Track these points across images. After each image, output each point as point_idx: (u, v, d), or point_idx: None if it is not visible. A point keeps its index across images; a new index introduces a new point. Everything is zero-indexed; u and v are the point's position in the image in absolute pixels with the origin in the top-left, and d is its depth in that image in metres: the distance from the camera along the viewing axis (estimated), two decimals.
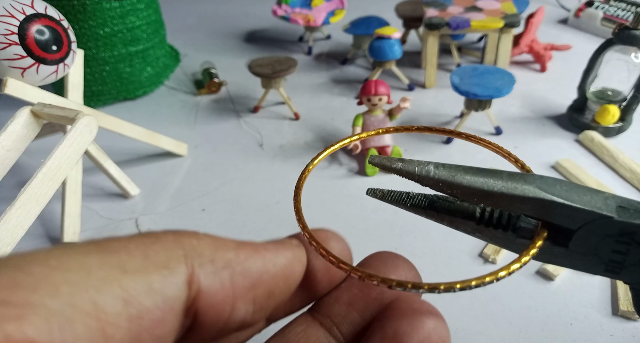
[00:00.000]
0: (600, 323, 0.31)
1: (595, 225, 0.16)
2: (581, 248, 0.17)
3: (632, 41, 0.44)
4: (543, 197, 0.16)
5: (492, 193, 0.16)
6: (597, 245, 0.17)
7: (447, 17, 0.54)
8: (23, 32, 0.33)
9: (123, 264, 0.09)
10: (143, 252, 0.10)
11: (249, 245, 0.12)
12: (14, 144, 0.35)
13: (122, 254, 0.10)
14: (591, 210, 0.16)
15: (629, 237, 0.16)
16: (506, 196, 0.16)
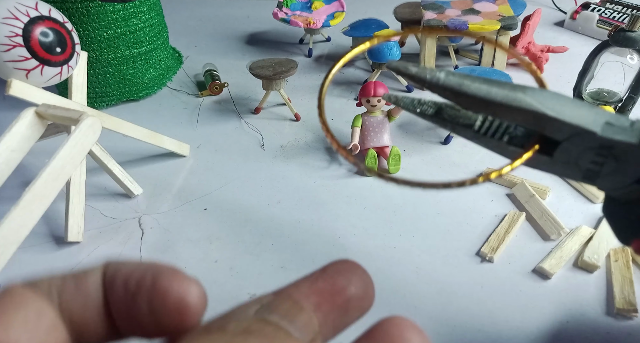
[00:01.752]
0: (596, 321, 0.32)
1: (580, 138, 0.18)
2: (564, 158, 0.19)
3: (628, 43, 0.44)
4: (536, 109, 0.17)
5: (492, 102, 0.17)
6: (578, 155, 0.19)
7: (445, 20, 0.55)
8: (27, 34, 0.34)
9: None
10: None
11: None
12: (19, 144, 0.35)
13: None
14: (578, 124, 0.17)
15: (607, 150, 0.18)
16: (505, 106, 0.17)
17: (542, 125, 0.18)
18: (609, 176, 0.19)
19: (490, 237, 0.38)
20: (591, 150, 0.18)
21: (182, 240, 0.39)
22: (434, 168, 0.46)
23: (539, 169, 0.20)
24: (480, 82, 0.18)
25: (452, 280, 0.35)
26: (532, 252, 0.37)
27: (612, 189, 0.20)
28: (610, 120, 0.18)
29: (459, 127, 0.20)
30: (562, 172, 0.20)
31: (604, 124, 0.18)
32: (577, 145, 0.18)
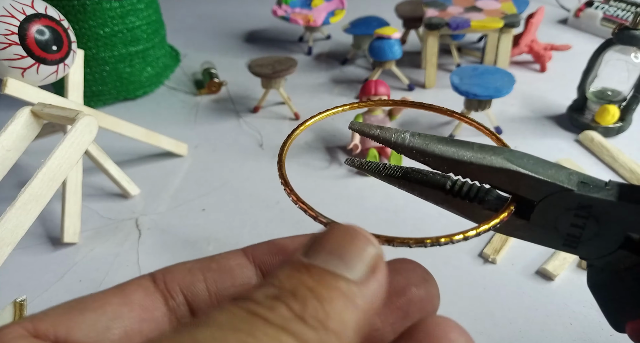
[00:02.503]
0: (600, 323, 0.31)
1: (556, 198, 0.17)
2: (542, 221, 0.18)
3: (632, 41, 0.44)
4: (509, 168, 0.16)
5: (462, 162, 0.17)
6: (556, 218, 0.18)
7: (447, 17, 0.54)
8: (23, 32, 0.33)
9: None
10: None
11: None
12: (14, 144, 0.35)
13: None
14: (553, 182, 0.17)
15: (586, 211, 0.17)
16: (475, 165, 0.17)
17: (516, 184, 0.17)
18: (592, 241, 0.18)
19: (493, 238, 0.37)
20: (569, 211, 0.17)
21: (180, 241, 0.39)
22: None
23: (517, 236, 0.19)
24: (445, 143, 0.17)
25: (454, 282, 0.35)
26: (535, 254, 0.36)
27: (596, 257, 0.19)
28: (584, 179, 0.17)
29: (428, 189, 0.19)
30: (541, 239, 0.18)
31: (579, 183, 0.17)
32: (554, 205, 0.17)
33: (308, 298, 0.10)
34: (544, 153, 0.47)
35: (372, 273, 0.12)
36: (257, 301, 0.10)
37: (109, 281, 0.36)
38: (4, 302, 0.33)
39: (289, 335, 0.10)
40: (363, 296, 0.11)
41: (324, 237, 0.12)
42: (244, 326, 0.10)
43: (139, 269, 0.37)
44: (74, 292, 0.35)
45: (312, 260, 0.11)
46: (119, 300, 0.13)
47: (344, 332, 0.10)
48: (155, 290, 0.14)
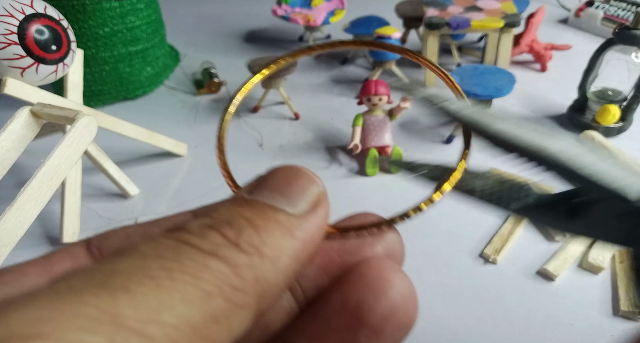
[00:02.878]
0: (601, 323, 0.31)
1: (615, 202, 0.16)
2: (597, 220, 0.17)
3: (633, 41, 0.44)
4: (568, 164, 0.15)
5: (518, 146, 0.16)
6: (613, 219, 0.17)
7: (447, 17, 0.54)
8: (22, 32, 0.33)
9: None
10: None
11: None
12: (14, 143, 0.35)
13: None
14: (615, 188, 0.16)
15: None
16: (531, 151, 0.15)
17: (570, 180, 0.16)
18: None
19: (494, 238, 0.37)
20: (629, 216, 0.16)
21: None
22: None
23: (571, 231, 0.18)
24: (509, 122, 0.16)
25: (454, 282, 0.34)
26: (536, 254, 0.36)
27: None
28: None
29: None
30: (596, 235, 0.18)
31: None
32: (612, 208, 0.16)
33: (244, 227, 0.10)
34: None
35: (313, 208, 0.11)
36: (189, 230, 0.10)
37: None
38: None
39: (218, 260, 0.09)
40: (302, 228, 0.11)
41: (268, 175, 0.12)
42: (169, 253, 0.09)
43: None
44: None
45: (255, 196, 0.11)
46: (39, 270, 0.11)
47: (279, 259, 0.10)
48: (87, 258, 0.12)
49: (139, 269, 0.09)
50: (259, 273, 0.10)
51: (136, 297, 0.08)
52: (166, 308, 0.08)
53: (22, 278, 0.11)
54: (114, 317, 0.08)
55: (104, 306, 0.08)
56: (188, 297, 0.08)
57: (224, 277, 0.09)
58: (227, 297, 0.09)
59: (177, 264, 0.09)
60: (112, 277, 0.08)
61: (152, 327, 0.08)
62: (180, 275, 0.09)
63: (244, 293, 0.09)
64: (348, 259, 0.13)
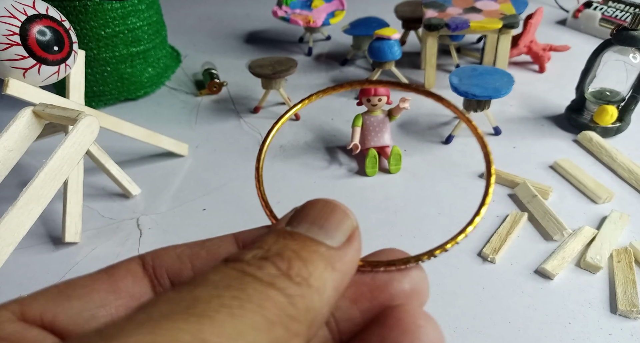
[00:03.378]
0: (599, 322, 0.32)
1: None
2: None
3: (630, 42, 0.44)
4: None
5: None
6: None
7: (446, 18, 0.55)
8: (25, 33, 0.34)
9: None
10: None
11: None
12: (16, 144, 0.35)
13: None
14: None
15: None
16: None
17: None
18: None
19: (492, 238, 0.37)
20: None
21: (181, 241, 0.39)
22: (435, 168, 0.46)
23: None
24: None
25: (453, 281, 0.35)
26: (535, 253, 0.36)
27: None
28: None
29: None
30: None
31: None
32: None
33: (293, 259, 0.11)
34: (542, 153, 0.47)
35: (349, 241, 0.12)
36: (246, 262, 0.11)
37: None
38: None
39: (276, 290, 0.10)
40: (341, 260, 0.12)
41: (305, 209, 0.13)
42: (236, 283, 0.10)
43: None
44: None
45: (296, 229, 0.12)
46: (107, 287, 0.13)
47: (324, 289, 0.11)
48: (143, 275, 0.14)
49: (215, 298, 0.10)
50: (308, 304, 0.11)
51: (217, 324, 0.09)
52: (241, 335, 0.09)
53: (93, 294, 0.13)
54: (203, 341, 0.09)
55: (194, 332, 0.09)
56: (256, 325, 0.10)
57: (282, 307, 0.10)
58: (285, 326, 0.10)
59: (244, 294, 0.10)
60: (194, 305, 0.10)
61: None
62: (248, 305, 0.10)
63: (298, 322, 0.10)
64: (377, 294, 0.14)
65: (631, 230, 0.38)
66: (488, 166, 0.15)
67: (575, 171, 0.43)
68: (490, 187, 0.15)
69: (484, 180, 0.44)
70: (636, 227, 0.38)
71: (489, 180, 0.15)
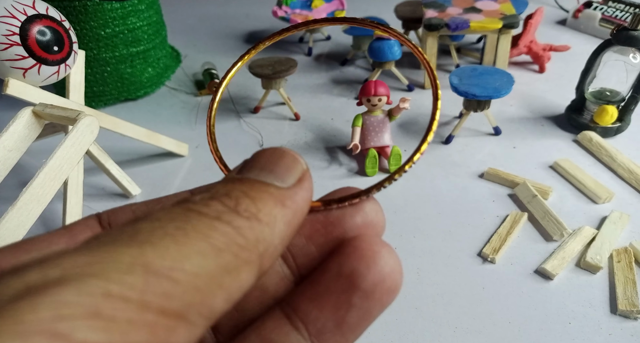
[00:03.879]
0: (599, 322, 0.32)
1: None
2: None
3: (631, 42, 0.44)
4: None
5: None
6: None
7: (446, 18, 0.55)
8: (24, 33, 0.34)
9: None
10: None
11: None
12: (16, 144, 0.35)
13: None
14: None
15: None
16: None
17: None
18: None
19: (492, 238, 0.37)
20: None
21: None
22: (435, 168, 0.46)
23: None
24: None
25: (453, 281, 0.35)
26: (534, 253, 0.36)
27: None
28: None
29: None
30: None
31: None
32: None
33: (240, 197, 0.11)
34: (542, 153, 0.47)
35: (299, 182, 0.13)
36: (193, 201, 0.11)
37: None
38: None
39: (222, 223, 0.11)
40: (291, 198, 0.12)
41: (255, 157, 0.13)
42: (180, 217, 0.11)
43: None
44: None
45: (245, 175, 0.13)
46: (66, 240, 0.13)
47: (274, 223, 0.11)
48: (100, 229, 0.14)
49: (158, 228, 0.10)
50: (258, 235, 0.11)
51: (160, 249, 0.09)
52: (186, 258, 0.10)
53: (52, 246, 0.13)
54: (145, 264, 0.09)
55: (135, 255, 0.09)
56: (202, 250, 0.10)
57: (230, 237, 0.10)
58: (234, 253, 0.10)
59: (189, 225, 0.10)
60: (136, 235, 0.10)
61: (177, 273, 0.09)
62: (193, 233, 0.10)
63: (248, 251, 0.11)
64: (331, 229, 0.14)
65: (631, 230, 0.38)
66: (434, 82, 0.15)
67: (575, 171, 0.43)
68: (437, 100, 0.16)
69: (485, 180, 0.44)
70: (636, 227, 0.38)
71: (436, 93, 0.16)
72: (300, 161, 0.13)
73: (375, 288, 0.13)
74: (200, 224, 0.10)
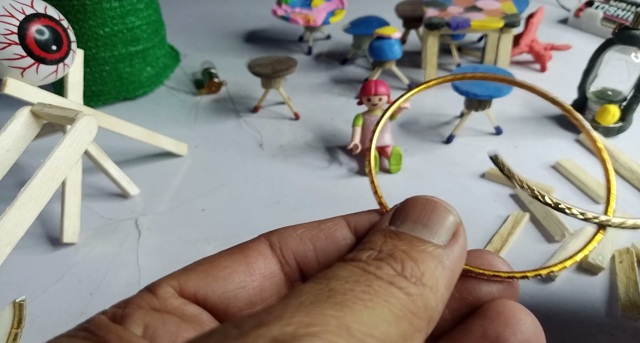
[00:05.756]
0: (601, 323, 0.31)
1: None
2: None
3: (632, 41, 0.44)
4: None
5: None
6: None
7: (447, 17, 0.54)
8: (23, 32, 0.33)
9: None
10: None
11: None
12: (14, 143, 0.35)
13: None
14: None
15: None
16: None
17: None
18: None
19: (494, 238, 0.37)
20: None
21: (180, 241, 0.39)
22: (435, 168, 0.46)
23: None
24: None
25: None
26: (536, 254, 0.36)
27: None
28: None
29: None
30: None
31: None
32: None
33: (405, 260, 0.12)
34: (544, 153, 0.47)
35: (454, 238, 0.13)
36: (364, 261, 0.12)
37: (109, 281, 0.36)
38: (4, 302, 0.33)
39: (397, 288, 0.11)
40: (449, 257, 0.13)
41: (407, 207, 0.14)
42: (362, 280, 0.11)
43: (139, 269, 0.37)
44: (73, 292, 0.35)
45: (401, 229, 0.13)
46: (244, 269, 0.14)
47: (437, 287, 0.12)
48: (272, 256, 0.15)
49: (348, 291, 0.11)
50: (425, 301, 0.12)
51: (356, 314, 0.10)
52: (375, 325, 0.10)
53: (234, 276, 0.14)
54: (347, 328, 0.10)
55: (338, 317, 0.10)
56: (386, 318, 0.11)
57: (405, 303, 0.11)
58: (409, 321, 0.11)
59: (372, 289, 0.11)
60: (333, 296, 0.11)
61: (370, 339, 0.10)
62: (376, 299, 0.11)
63: (419, 318, 0.11)
64: (465, 296, 0.15)
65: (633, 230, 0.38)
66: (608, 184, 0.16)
67: (577, 171, 0.43)
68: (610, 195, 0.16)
69: (486, 180, 0.44)
70: None
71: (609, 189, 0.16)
72: (453, 213, 0.14)
73: None
74: (380, 290, 0.11)
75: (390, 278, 0.12)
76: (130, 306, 0.13)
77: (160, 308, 0.13)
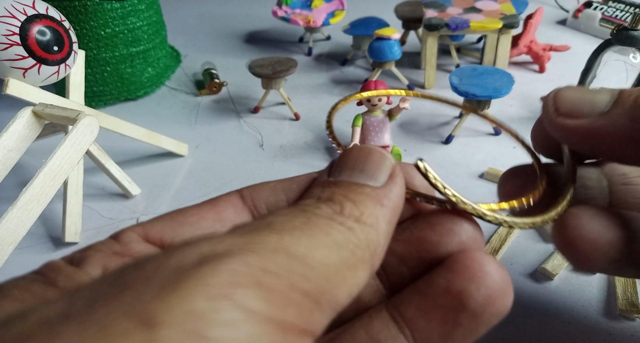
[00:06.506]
0: (599, 322, 0.32)
1: None
2: None
3: (631, 42, 0.44)
4: None
5: None
6: None
7: (447, 18, 0.55)
8: (24, 33, 0.34)
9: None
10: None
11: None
12: (16, 144, 0.35)
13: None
14: None
15: None
16: None
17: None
18: None
19: (492, 238, 0.37)
20: None
21: None
22: (435, 168, 0.46)
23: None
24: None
25: None
26: (535, 253, 0.36)
27: None
28: None
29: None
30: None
31: None
32: None
33: (343, 202, 0.12)
34: None
35: (391, 178, 0.13)
36: (305, 204, 0.13)
37: None
38: None
39: (337, 223, 0.12)
40: (387, 197, 0.13)
41: (343, 158, 0.14)
42: (302, 215, 0.12)
43: None
44: None
45: (338, 178, 0.13)
46: (213, 216, 0.14)
47: (378, 225, 0.12)
48: (243, 206, 0.15)
49: (287, 222, 0.11)
50: (368, 235, 0.12)
51: (294, 238, 0.11)
52: (314, 249, 0.11)
53: (202, 222, 0.14)
54: (285, 248, 0.10)
55: (277, 240, 0.11)
56: (326, 244, 0.11)
57: (346, 235, 0.11)
58: (351, 250, 0.11)
59: (311, 222, 0.12)
60: (271, 225, 0.11)
61: (310, 259, 0.10)
62: (316, 229, 0.11)
63: (362, 250, 0.12)
64: (425, 254, 0.15)
65: None
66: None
67: None
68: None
69: (485, 180, 0.44)
70: None
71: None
72: (387, 156, 0.14)
73: (484, 310, 0.13)
74: (319, 222, 0.12)
75: (330, 216, 0.12)
76: (90, 250, 0.13)
77: (122, 252, 0.13)
